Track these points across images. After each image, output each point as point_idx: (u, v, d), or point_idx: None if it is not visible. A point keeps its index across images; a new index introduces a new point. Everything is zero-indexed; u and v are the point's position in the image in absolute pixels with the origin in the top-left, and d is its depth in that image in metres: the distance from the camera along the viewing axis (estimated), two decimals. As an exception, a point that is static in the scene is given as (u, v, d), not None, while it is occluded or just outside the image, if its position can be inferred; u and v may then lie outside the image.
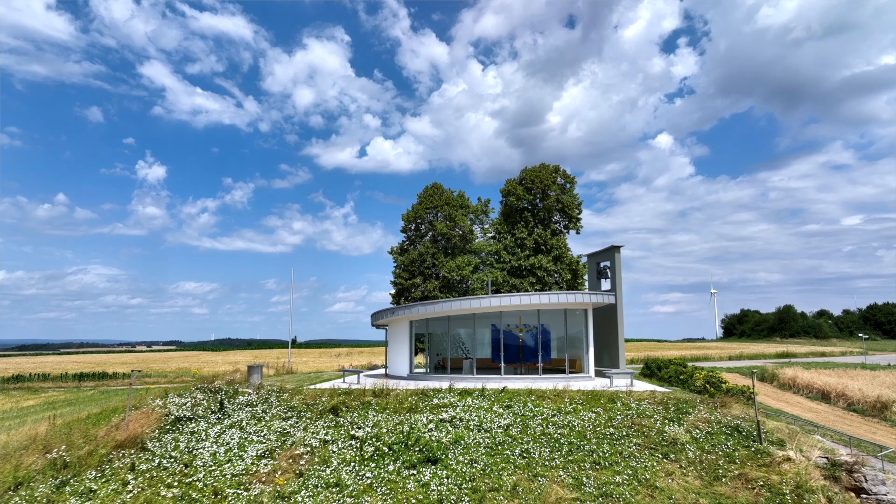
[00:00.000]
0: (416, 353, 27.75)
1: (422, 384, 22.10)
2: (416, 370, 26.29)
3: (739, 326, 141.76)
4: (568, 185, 42.35)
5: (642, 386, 22.30)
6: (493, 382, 22.48)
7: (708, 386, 20.26)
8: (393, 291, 41.42)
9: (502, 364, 24.19)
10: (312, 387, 22.26)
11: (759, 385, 40.24)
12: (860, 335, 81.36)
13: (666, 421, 16.90)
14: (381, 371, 29.05)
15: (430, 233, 41.53)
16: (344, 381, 24.69)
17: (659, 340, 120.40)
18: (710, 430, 16.37)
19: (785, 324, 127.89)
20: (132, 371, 53.48)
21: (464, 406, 18.25)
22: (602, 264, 28.75)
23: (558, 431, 16.35)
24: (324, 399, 19.26)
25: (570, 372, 24.72)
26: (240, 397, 19.66)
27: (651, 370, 26.26)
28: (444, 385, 21.87)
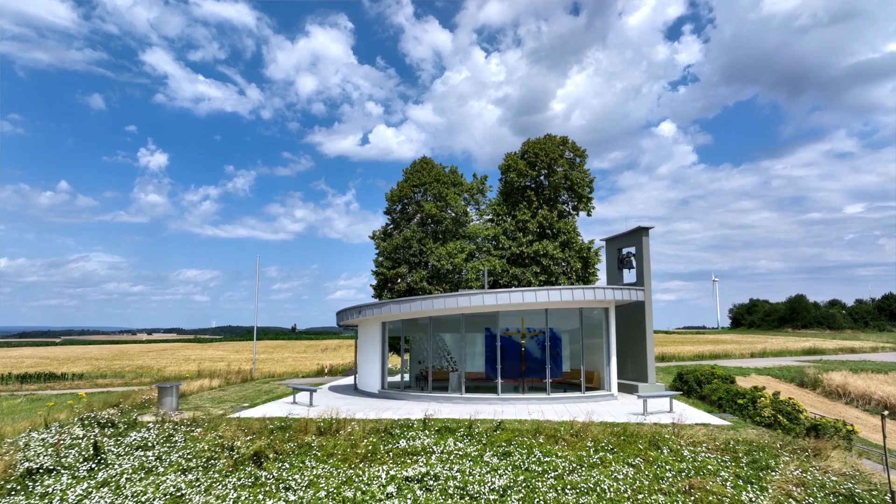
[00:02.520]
0: (395, 360, 22.26)
1: (392, 409, 16.58)
2: (390, 385, 20.79)
3: (748, 317, 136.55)
4: (578, 160, 36.53)
5: (686, 411, 16.78)
6: (487, 405, 16.93)
7: (780, 417, 14.74)
8: (374, 283, 35.78)
9: (499, 380, 18.65)
10: (245, 413, 16.73)
11: (800, 392, 34.61)
12: (888, 327, 75.79)
13: (740, 483, 11.37)
14: (353, 380, 23.51)
15: (418, 215, 35.85)
16: (294, 401, 19.19)
17: (666, 332, 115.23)
18: (809, 500, 10.83)
19: (797, 314, 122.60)
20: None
21: (442, 453, 12.72)
22: (625, 251, 23.13)
23: (581, 501, 10.83)
24: (250, 437, 13.75)
25: (587, 389, 19.20)
26: (133, 434, 14.15)
27: (688, 384, 20.73)
28: (424, 408, 16.37)
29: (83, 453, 12.99)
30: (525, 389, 18.95)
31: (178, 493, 11.57)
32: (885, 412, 13.06)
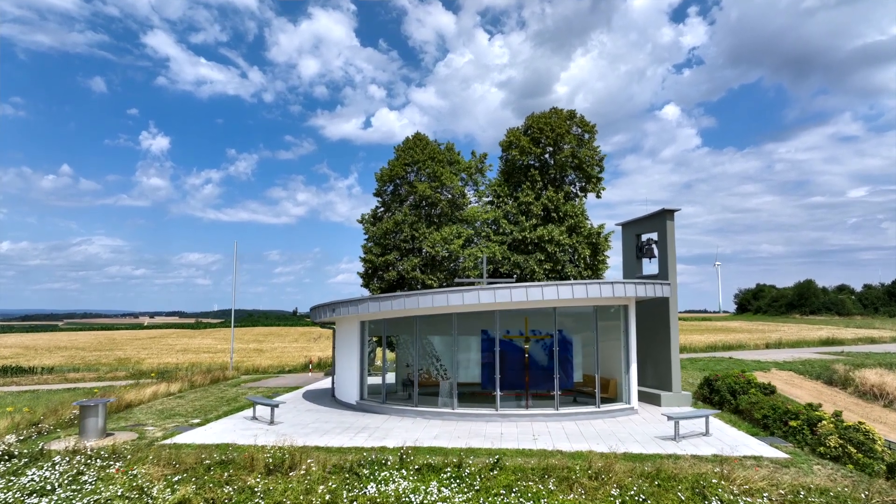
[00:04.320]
0: (376, 362, 19.29)
1: (368, 429, 13.55)
2: (371, 391, 17.77)
3: (755, 302, 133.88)
4: (586, 136, 33.14)
5: (725, 434, 13.74)
6: (483, 423, 13.90)
7: (850, 448, 11.70)
8: (361, 270, 32.64)
9: (497, 392, 15.59)
10: (188, 436, 13.70)
11: (829, 391, 31.53)
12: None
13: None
14: (332, 382, 20.46)
15: (411, 196, 32.60)
16: (254, 415, 16.18)
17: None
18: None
19: (805, 300, 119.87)
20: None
21: (422, 505, 9.71)
22: (644, 238, 19.95)
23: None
24: (179, 476, 10.74)
25: (603, 400, 16.16)
26: (32, 471, 11.14)
27: (719, 394, 17.65)
28: (408, 427, 13.37)
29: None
30: (529, 403, 15.91)
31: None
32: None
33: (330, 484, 10.33)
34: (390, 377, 18.70)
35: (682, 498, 9.72)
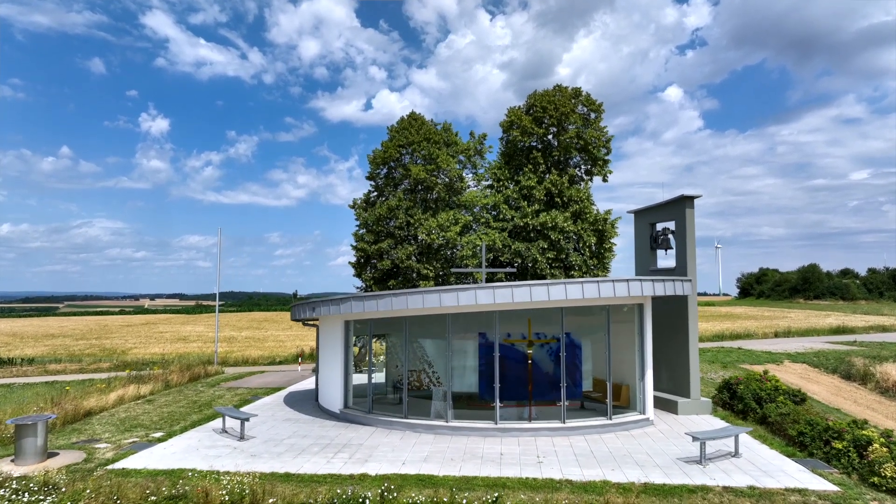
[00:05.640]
0: (367, 357, 17.50)
1: (349, 447, 11.79)
2: (357, 395, 16.03)
3: (758, 286, 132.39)
4: (593, 115, 31.05)
5: (758, 455, 12.01)
6: (480, 439, 12.14)
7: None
8: (353, 260, 30.78)
9: (497, 403, 13.81)
10: (142, 458, 11.93)
11: (847, 387, 29.83)
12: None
13: None
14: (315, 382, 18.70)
15: (406, 180, 30.62)
16: (224, 428, 14.44)
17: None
18: None
19: (809, 284, 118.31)
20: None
21: (405, 561, 7.96)
22: (660, 227, 18.06)
23: None
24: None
25: (615, 409, 14.41)
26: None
27: (743, 401, 15.90)
28: (395, 444, 11.63)
29: None
30: (532, 415, 14.16)
31: None
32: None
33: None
34: (380, 377, 16.97)
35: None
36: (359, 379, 16.30)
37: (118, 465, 11.43)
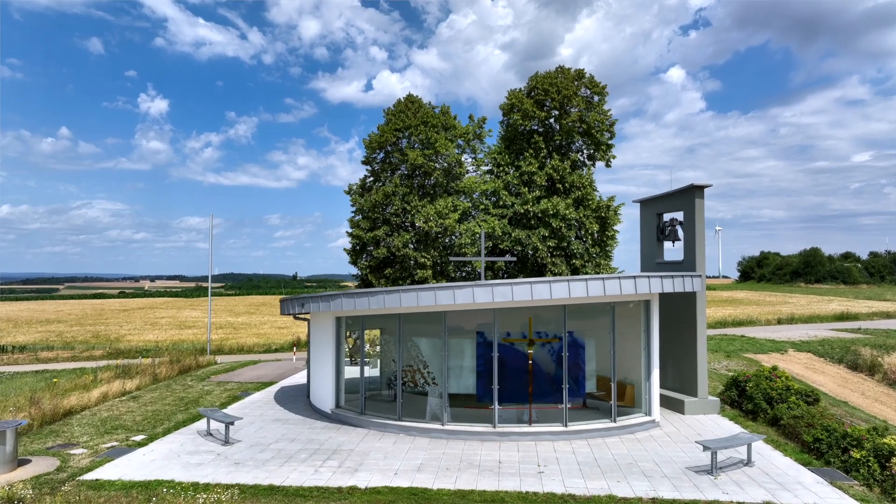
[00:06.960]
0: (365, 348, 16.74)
1: (339, 454, 11.10)
2: (349, 391, 15.32)
3: (759, 270, 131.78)
4: (596, 98, 29.99)
5: (772, 464, 11.33)
6: (478, 444, 11.45)
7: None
8: (348, 246, 29.98)
9: (496, 405, 13.11)
10: (118, 466, 11.23)
11: (854, 378, 29.19)
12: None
13: None
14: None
15: (403, 165, 29.66)
16: (208, 431, 13.75)
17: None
18: None
19: (811, 268, 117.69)
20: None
21: None
22: (667, 217, 17.21)
23: None
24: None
25: (620, 409, 13.73)
26: None
27: (752, 400, 15.20)
28: (387, 449, 10.95)
29: None
30: (533, 418, 13.46)
31: None
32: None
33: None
34: (375, 372, 16.25)
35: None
36: (353, 372, 15.57)
37: (91, 476, 10.74)
